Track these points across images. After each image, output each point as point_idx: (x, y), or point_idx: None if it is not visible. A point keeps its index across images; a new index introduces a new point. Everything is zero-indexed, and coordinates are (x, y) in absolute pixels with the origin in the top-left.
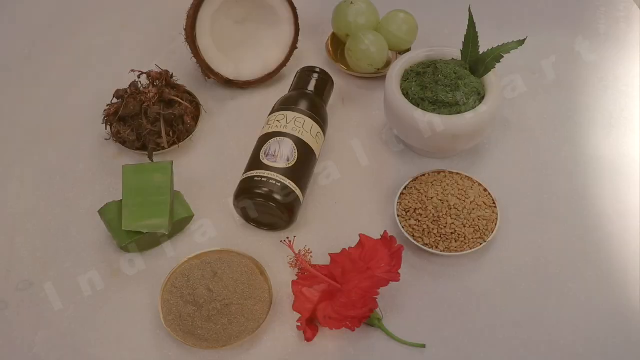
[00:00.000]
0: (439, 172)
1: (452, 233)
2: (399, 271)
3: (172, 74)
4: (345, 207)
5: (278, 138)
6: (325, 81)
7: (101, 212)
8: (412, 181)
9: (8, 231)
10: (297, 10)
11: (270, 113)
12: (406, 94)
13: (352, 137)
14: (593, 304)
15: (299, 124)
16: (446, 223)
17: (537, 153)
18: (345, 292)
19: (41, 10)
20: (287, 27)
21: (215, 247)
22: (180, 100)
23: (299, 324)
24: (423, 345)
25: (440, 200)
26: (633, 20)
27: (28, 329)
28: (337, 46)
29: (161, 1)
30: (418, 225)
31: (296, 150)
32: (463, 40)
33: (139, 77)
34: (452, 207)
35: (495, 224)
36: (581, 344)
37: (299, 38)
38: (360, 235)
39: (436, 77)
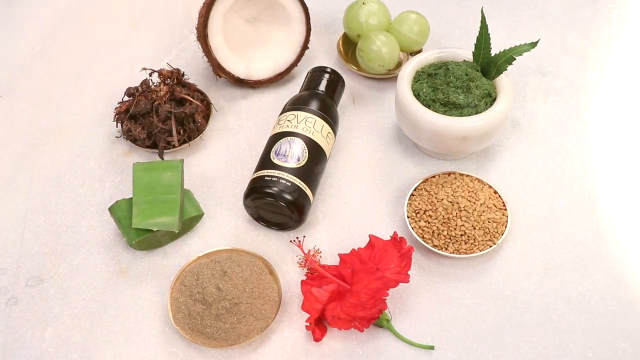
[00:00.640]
0: (449, 174)
1: (461, 235)
2: (409, 272)
3: (183, 72)
4: (355, 207)
5: (289, 138)
6: (336, 81)
7: (111, 209)
8: (422, 182)
9: (18, 227)
10: (309, 10)
11: (281, 113)
12: (417, 95)
13: (363, 138)
14: (603, 308)
15: (310, 124)
16: (456, 225)
17: (548, 155)
18: (355, 292)
19: (52, 7)
20: (299, 27)
21: (225, 246)
22: (191, 99)
23: (308, 324)
24: (432, 347)
25: (450, 202)
26: None
27: (37, 325)
28: (348, 46)
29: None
30: (428, 227)
31: (307, 150)
32: (475, 41)
33: (150, 75)
34: (462, 209)
35: (505, 227)
36: (590, 347)
37: (310, 38)
38: (370, 236)
39: (447, 79)
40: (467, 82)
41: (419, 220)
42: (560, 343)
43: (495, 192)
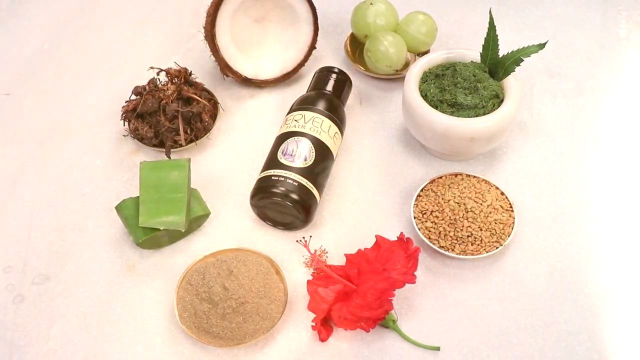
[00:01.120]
0: (456, 175)
1: (468, 236)
2: (415, 273)
3: (191, 71)
4: (361, 207)
5: (296, 138)
6: (343, 81)
7: (118, 208)
8: (429, 183)
9: (25, 225)
10: (317, 10)
11: (288, 112)
12: (425, 96)
13: (370, 138)
14: (609, 310)
15: (317, 124)
16: (462, 226)
17: (555, 157)
18: (361, 293)
19: (60, 5)
20: (306, 27)
21: (231, 245)
22: (199, 98)
23: (314, 324)
24: (438, 348)
25: (457, 203)
26: None
27: (44, 323)
28: (356, 47)
29: None
30: (434, 228)
31: (314, 150)
32: (482, 42)
33: (157, 74)
34: (469, 210)
35: (512, 228)
36: (597, 350)
37: (318, 38)
38: (376, 236)
39: (455, 80)
40: (474, 83)
41: (426, 221)
42: (566, 345)
43: (502, 193)
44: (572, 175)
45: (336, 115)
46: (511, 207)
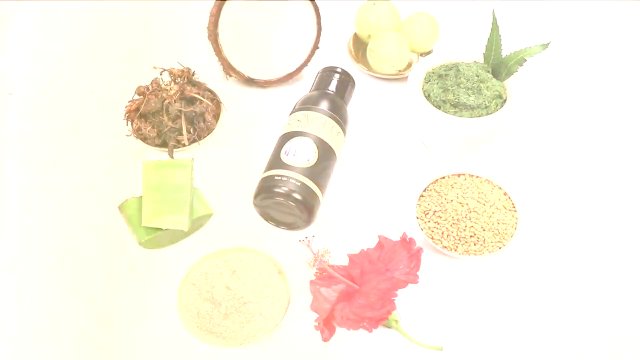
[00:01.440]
0: (459, 175)
1: (471, 236)
2: (418, 273)
3: (194, 71)
4: (364, 207)
5: (299, 137)
6: (346, 81)
7: (121, 207)
8: (432, 183)
9: (27, 224)
10: (320, 10)
11: (291, 112)
12: (428, 96)
13: (372, 138)
14: (612, 310)
15: (320, 123)
16: (465, 226)
17: (559, 158)
18: (364, 293)
19: (63, 6)
20: (310, 27)
21: (234, 245)
22: (202, 98)
23: (316, 324)
24: (440, 348)
25: (460, 203)
26: None
27: (46, 323)
28: (359, 47)
29: None
30: (437, 228)
31: (316, 150)
32: (486, 43)
33: (160, 74)
34: (472, 210)
35: (515, 228)
36: (600, 350)
37: (321, 38)
38: (379, 236)
39: (458, 80)
40: (477, 84)
41: (429, 221)
42: (569, 345)
43: (505, 193)
44: (576, 176)
45: (339, 115)
46: (514, 207)
